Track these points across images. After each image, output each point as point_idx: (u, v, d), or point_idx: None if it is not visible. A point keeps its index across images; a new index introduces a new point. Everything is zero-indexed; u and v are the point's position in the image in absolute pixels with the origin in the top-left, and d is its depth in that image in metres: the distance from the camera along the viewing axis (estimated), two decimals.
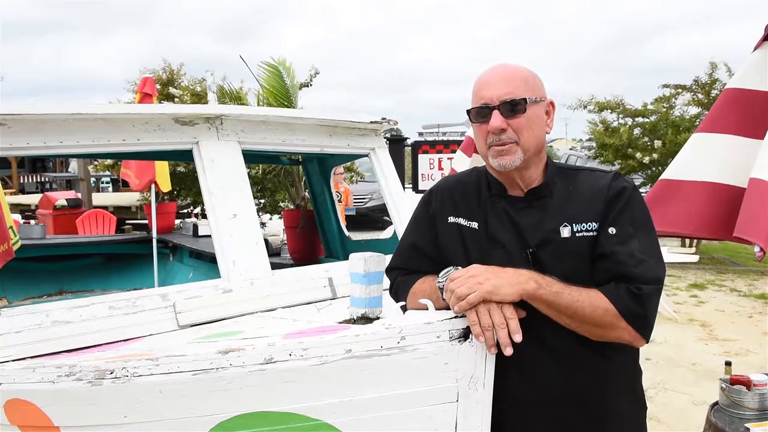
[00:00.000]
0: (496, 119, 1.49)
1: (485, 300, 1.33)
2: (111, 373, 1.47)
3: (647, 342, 1.46)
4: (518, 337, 1.32)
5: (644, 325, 1.42)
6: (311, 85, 9.46)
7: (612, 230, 1.46)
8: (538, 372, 1.48)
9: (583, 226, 1.48)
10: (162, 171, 6.21)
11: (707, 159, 2.61)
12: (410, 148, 10.98)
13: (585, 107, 11.32)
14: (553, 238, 1.49)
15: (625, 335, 1.42)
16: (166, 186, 6.33)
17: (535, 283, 1.36)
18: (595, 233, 1.48)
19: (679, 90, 10.89)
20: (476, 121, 1.54)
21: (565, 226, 1.49)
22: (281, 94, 6.68)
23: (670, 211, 2.61)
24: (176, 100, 9.85)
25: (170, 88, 10.40)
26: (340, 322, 1.66)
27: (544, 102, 1.57)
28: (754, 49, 2.56)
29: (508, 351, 1.32)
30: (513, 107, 1.49)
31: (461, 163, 4.33)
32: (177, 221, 7.75)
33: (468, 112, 1.57)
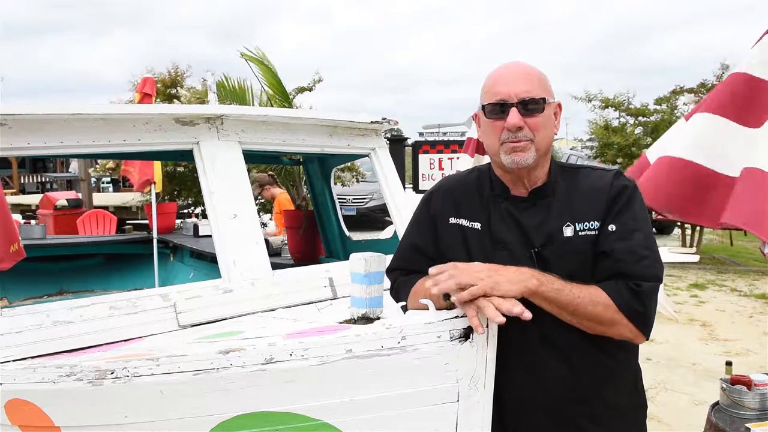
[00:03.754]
0: (515, 116, 1.47)
1: (486, 294, 1.32)
2: (112, 373, 1.47)
3: (647, 338, 1.47)
4: (527, 315, 1.27)
5: (644, 322, 1.43)
6: (313, 89, 9.46)
7: (612, 227, 1.47)
8: (540, 371, 1.48)
9: (586, 225, 1.49)
10: (156, 171, 6.22)
11: (687, 135, 2.59)
12: (411, 148, 10.99)
13: (590, 101, 11.30)
14: (556, 238, 1.49)
15: (625, 332, 1.43)
16: (157, 186, 6.34)
17: (536, 280, 1.36)
18: (596, 232, 1.48)
19: (683, 92, 10.88)
20: (491, 117, 1.53)
21: (568, 225, 1.50)
22: (278, 91, 6.66)
23: (647, 186, 2.59)
24: (181, 100, 9.85)
25: (176, 88, 10.39)
26: (340, 322, 1.66)
27: (554, 103, 1.57)
28: (756, 44, 2.56)
29: (500, 319, 1.26)
30: (531, 106, 1.48)
31: (465, 164, 4.33)
32: (177, 221, 7.76)
33: (483, 107, 1.55)
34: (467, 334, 1.37)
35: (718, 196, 2.37)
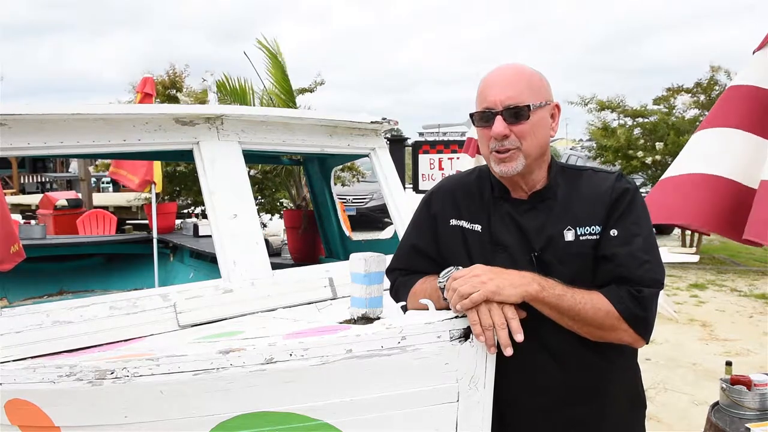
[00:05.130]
0: (499, 125, 1.47)
1: (487, 300, 1.32)
2: (111, 373, 1.47)
3: (647, 343, 1.46)
4: (520, 337, 1.31)
5: (645, 327, 1.43)
6: (314, 90, 9.48)
7: (614, 232, 1.46)
8: (538, 373, 1.48)
9: (587, 229, 1.48)
10: (155, 171, 6.22)
11: (709, 151, 2.58)
12: (411, 148, 11.00)
13: (586, 104, 11.32)
14: (557, 241, 1.49)
15: (625, 337, 1.42)
16: (158, 186, 6.34)
17: (538, 285, 1.36)
18: (597, 236, 1.48)
19: (680, 91, 10.89)
20: (479, 125, 1.53)
21: (569, 229, 1.49)
22: (284, 90, 6.62)
23: (671, 201, 2.59)
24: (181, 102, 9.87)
25: (175, 91, 10.39)
26: (340, 322, 1.66)
27: (549, 105, 1.54)
28: (757, 50, 2.55)
29: (508, 351, 1.32)
30: (516, 113, 1.46)
31: (466, 164, 4.33)
32: (177, 221, 7.76)
33: (471, 115, 1.56)
34: (467, 334, 1.37)
35: (746, 209, 2.37)
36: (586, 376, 1.49)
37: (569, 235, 1.48)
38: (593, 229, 1.48)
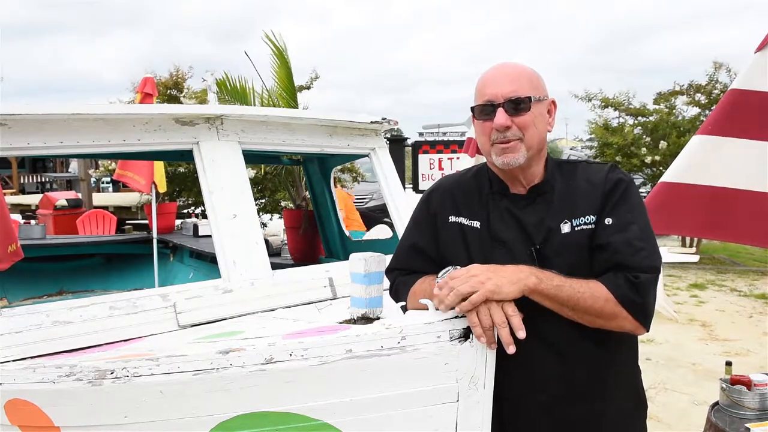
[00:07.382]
0: (501, 116, 1.49)
1: (487, 299, 1.33)
2: (111, 373, 1.47)
3: (647, 330, 1.47)
4: (522, 334, 1.32)
5: (644, 313, 1.44)
6: (312, 87, 9.48)
7: (609, 221, 1.48)
8: (538, 369, 1.48)
9: (582, 220, 1.50)
10: (158, 171, 6.22)
11: (719, 163, 2.58)
12: (411, 148, 10.99)
13: (590, 100, 11.32)
14: (555, 234, 1.50)
15: (626, 324, 1.43)
16: (161, 186, 6.34)
17: (535, 278, 1.37)
18: (593, 225, 1.49)
19: (676, 94, 10.91)
20: (480, 119, 1.55)
21: (566, 222, 1.50)
22: (286, 86, 6.60)
23: (685, 214, 2.59)
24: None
25: (176, 92, 10.40)
26: (340, 322, 1.66)
27: (547, 101, 1.57)
28: (757, 50, 2.55)
29: (511, 349, 1.32)
30: (517, 105, 1.49)
31: (466, 164, 4.33)
32: (177, 221, 7.76)
33: (472, 109, 1.57)
34: (467, 334, 1.38)
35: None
36: (586, 370, 1.49)
37: (565, 227, 1.50)
38: (588, 219, 1.50)
